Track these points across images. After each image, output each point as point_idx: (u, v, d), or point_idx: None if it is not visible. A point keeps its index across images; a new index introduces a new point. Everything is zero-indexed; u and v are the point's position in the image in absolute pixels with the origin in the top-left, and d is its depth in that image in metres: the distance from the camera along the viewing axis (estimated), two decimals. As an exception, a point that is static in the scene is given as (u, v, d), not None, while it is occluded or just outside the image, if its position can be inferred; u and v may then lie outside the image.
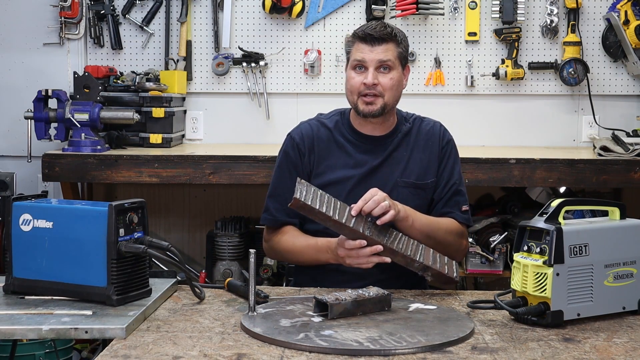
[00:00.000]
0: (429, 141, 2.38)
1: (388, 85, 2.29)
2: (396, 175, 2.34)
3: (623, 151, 3.38)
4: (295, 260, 2.38)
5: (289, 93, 3.97)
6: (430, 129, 2.40)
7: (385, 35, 2.29)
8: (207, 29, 3.95)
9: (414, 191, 2.34)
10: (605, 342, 1.71)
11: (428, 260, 2.08)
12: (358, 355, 1.60)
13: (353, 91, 2.31)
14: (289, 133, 2.43)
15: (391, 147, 2.36)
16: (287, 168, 2.38)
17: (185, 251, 4.08)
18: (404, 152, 2.36)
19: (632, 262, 1.90)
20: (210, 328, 1.79)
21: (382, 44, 2.29)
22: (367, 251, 2.05)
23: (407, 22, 3.90)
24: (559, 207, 1.85)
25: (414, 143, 2.37)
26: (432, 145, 2.37)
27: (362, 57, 2.29)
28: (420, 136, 2.39)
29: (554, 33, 3.88)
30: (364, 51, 2.29)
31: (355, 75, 2.30)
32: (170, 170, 3.33)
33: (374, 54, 2.28)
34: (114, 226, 1.87)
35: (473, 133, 3.95)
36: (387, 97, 2.30)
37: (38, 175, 3.67)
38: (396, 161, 2.35)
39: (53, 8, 3.90)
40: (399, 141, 2.37)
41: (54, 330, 1.74)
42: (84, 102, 3.45)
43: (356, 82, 2.30)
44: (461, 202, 2.36)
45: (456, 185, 2.37)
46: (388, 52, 2.29)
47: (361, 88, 2.29)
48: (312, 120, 2.44)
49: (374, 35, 2.28)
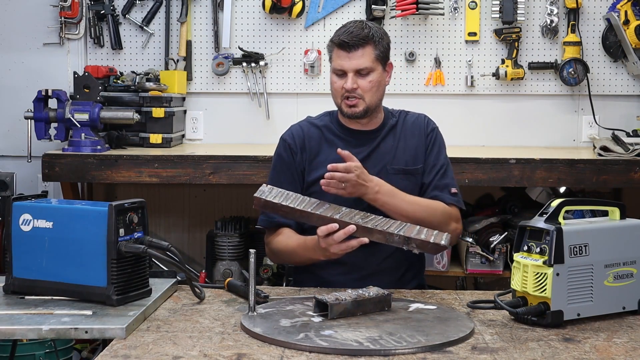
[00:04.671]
0: (414, 130, 2.45)
1: (367, 87, 2.36)
2: (385, 163, 2.40)
3: (623, 151, 3.38)
4: (292, 261, 2.43)
5: (289, 93, 3.97)
6: (415, 119, 2.49)
7: (361, 41, 2.33)
8: (207, 29, 3.95)
9: (405, 177, 2.40)
10: (605, 342, 1.71)
11: (410, 232, 2.07)
12: (358, 355, 1.60)
13: (336, 94, 2.40)
14: (281, 136, 2.49)
15: (379, 139, 2.43)
16: (282, 169, 2.43)
17: (185, 251, 4.07)
18: (391, 142, 2.43)
19: (632, 262, 1.91)
20: (210, 328, 1.79)
21: (358, 49, 2.33)
22: (340, 234, 2.06)
23: (407, 22, 3.90)
24: (559, 207, 1.85)
25: (400, 133, 2.45)
26: (419, 134, 2.45)
27: (341, 64, 2.35)
28: (406, 126, 2.46)
29: (554, 33, 3.87)
30: (342, 58, 2.35)
31: (336, 80, 2.38)
32: (170, 170, 3.33)
33: (351, 61, 2.34)
34: (114, 226, 1.87)
35: (473, 133, 3.95)
36: (369, 99, 2.37)
37: (38, 175, 3.67)
38: (385, 151, 2.42)
39: (53, 8, 3.90)
40: (386, 133, 2.44)
41: (54, 330, 1.74)
42: (84, 102, 3.45)
43: (337, 86, 2.38)
44: (450, 185, 2.41)
45: (443, 169, 2.42)
46: (365, 56, 2.34)
47: (342, 91, 2.36)
48: (302, 122, 2.52)
49: (349, 43, 2.33)
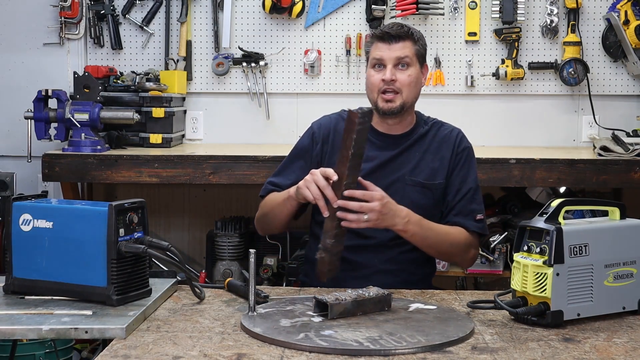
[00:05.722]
0: (443, 144, 2.41)
1: (406, 81, 2.35)
2: (405, 173, 2.37)
3: (623, 151, 3.38)
4: (266, 216, 2.42)
5: (289, 93, 3.97)
6: (448, 133, 2.44)
7: (402, 33, 2.36)
8: (207, 29, 3.95)
9: (422, 190, 2.36)
10: (605, 342, 1.71)
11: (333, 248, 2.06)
12: (358, 355, 1.60)
13: (372, 89, 2.37)
14: (312, 123, 2.51)
15: (404, 145, 2.40)
16: (298, 154, 2.47)
17: (185, 251, 4.08)
18: (416, 153, 2.40)
19: (632, 262, 1.90)
20: (210, 328, 1.79)
21: (399, 41, 2.36)
22: (323, 184, 2.05)
23: (407, 22, 3.89)
24: (559, 207, 1.85)
25: (428, 145, 2.41)
26: (446, 150, 2.40)
27: (380, 55, 2.35)
28: (436, 139, 2.42)
29: (554, 33, 3.87)
30: (382, 49, 2.36)
31: (374, 73, 2.37)
32: (170, 170, 3.33)
33: (391, 51, 2.35)
34: (114, 226, 1.87)
35: (473, 133, 3.87)
36: (406, 94, 2.35)
37: (38, 175, 3.66)
38: (407, 160, 2.39)
39: (53, 8, 3.90)
40: (413, 141, 2.41)
41: (54, 330, 1.74)
42: (84, 102, 3.45)
43: (375, 79, 2.36)
44: (476, 210, 2.37)
45: (470, 193, 2.37)
46: (405, 49, 2.36)
47: (380, 85, 2.35)
48: (335, 114, 2.51)
49: (390, 34, 2.35)
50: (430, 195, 2.37)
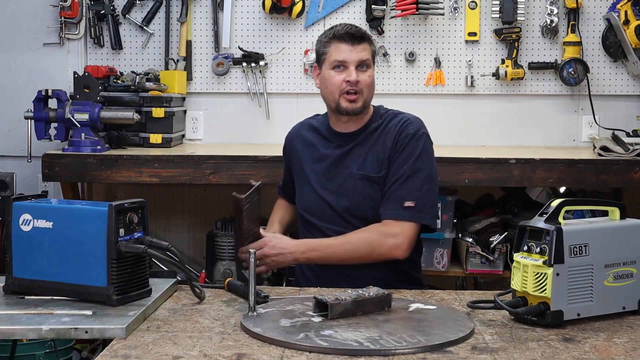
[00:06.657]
0: (387, 135, 2.40)
1: (367, 82, 2.39)
2: (353, 169, 2.41)
3: (623, 151, 3.38)
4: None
5: (289, 93, 3.97)
6: (396, 123, 2.41)
7: (363, 35, 2.40)
8: (207, 29, 3.95)
9: (369, 184, 2.39)
10: (605, 342, 1.71)
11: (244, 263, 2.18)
12: (358, 355, 1.60)
13: (334, 90, 2.40)
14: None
15: (356, 142, 2.44)
16: (285, 164, 2.67)
17: (185, 251, 4.08)
18: (364, 147, 2.42)
19: (632, 262, 1.90)
20: (210, 328, 1.79)
21: (360, 43, 2.39)
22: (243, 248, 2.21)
23: (407, 22, 3.90)
24: (559, 207, 1.85)
25: (377, 138, 2.42)
26: (389, 139, 2.39)
27: (344, 57, 2.38)
28: (384, 132, 2.42)
29: (554, 33, 3.87)
30: (344, 51, 2.38)
31: (335, 75, 2.39)
32: (170, 170, 3.33)
33: (354, 53, 2.37)
34: (114, 226, 1.87)
35: (473, 133, 3.95)
36: (366, 94, 2.40)
37: (38, 175, 3.66)
38: (356, 155, 2.42)
39: (53, 8, 3.90)
40: (364, 137, 2.44)
41: (54, 330, 1.74)
42: (84, 102, 3.45)
43: (337, 80, 2.38)
44: (405, 197, 2.32)
45: (402, 178, 2.33)
46: (365, 50, 2.40)
47: (343, 86, 2.37)
48: (303, 121, 2.63)
49: (354, 35, 2.38)
50: (377, 188, 2.37)
